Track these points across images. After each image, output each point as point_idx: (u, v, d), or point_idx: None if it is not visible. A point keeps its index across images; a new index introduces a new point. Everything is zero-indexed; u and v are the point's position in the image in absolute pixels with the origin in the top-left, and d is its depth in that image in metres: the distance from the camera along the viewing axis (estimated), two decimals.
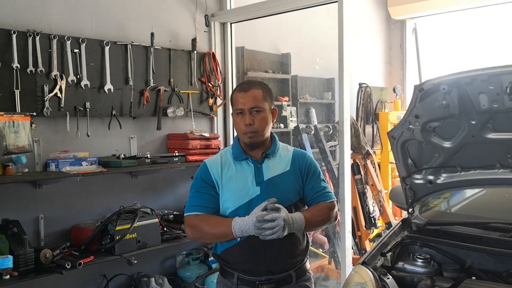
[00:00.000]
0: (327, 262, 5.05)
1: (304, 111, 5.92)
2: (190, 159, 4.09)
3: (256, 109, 2.26)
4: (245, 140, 2.30)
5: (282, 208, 2.12)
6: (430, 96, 2.38)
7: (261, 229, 2.06)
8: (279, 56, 5.62)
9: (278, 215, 2.07)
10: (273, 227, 2.05)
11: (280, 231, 2.06)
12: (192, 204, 2.31)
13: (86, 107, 3.65)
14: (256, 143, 2.30)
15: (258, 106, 2.26)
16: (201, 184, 2.32)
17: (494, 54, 6.21)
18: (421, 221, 2.77)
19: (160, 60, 4.16)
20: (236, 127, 2.33)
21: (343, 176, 3.84)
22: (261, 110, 2.27)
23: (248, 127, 2.25)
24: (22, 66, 3.33)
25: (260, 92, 2.28)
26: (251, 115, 2.26)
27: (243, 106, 2.26)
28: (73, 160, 3.44)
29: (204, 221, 2.25)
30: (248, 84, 2.34)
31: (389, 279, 2.34)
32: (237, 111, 2.29)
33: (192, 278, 4.17)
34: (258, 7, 4.45)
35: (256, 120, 2.26)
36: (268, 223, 2.06)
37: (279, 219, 2.06)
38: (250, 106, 2.25)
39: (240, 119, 2.28)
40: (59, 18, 3.60)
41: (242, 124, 2.27)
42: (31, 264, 3.09)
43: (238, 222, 2.13)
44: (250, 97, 2.26)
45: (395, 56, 7.43)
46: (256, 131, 2.26)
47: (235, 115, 2.30)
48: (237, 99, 2.30)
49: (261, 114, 2.27)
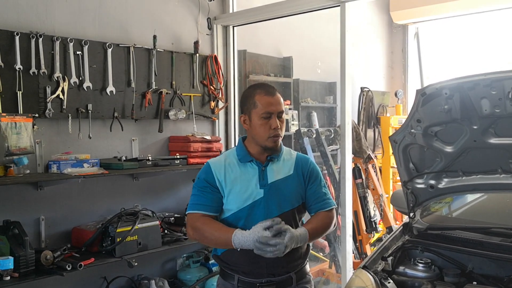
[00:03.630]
0: (328, 266, 5.04)
1: (306, 114, 5.92)
2: (191, 161, 4.09)
3: (281, 114, 2.30)
4: (268, 144, 2.28)
5: (288, 230, 2.12)
6: (432, 100, 2.38)
7: (263, 250, 2.08)
8: (281, 60, 5.62)
9: (282, 241, 2.08)
10: (273, 250, 2.07)
11: (281, 253, 2.09)
12: (195, 202, 2.31)
13: (88, 109, 3.66)
14: (278, 146, 2.32)
15: (283, 111, 2.31)
16: (203, 185, 2.32)
17: (496, 59, 6.21)
18: (422, 225, 2.77)
19: (162, 62, 4.17)
20: (260, 130, 2.28)
21: (344, 180, 3.84)
22: (283, 115, 2.32)
23: (275, 131, 2.26)
24: (24, 68, 3.33)
25: (281, 97, 2.33)
26: (278, 119, 2.28)
27: (274, 109, 2.27)
28: (74, 162, 3.45)
29: (206, 226, 2.25)
30: (271, 87, 2.34)
31: (390, 283, 2.34)
32: (264, 115, 2.26)
33: (192, 281, 4.17)
34: (260, 10, 4.46)
35: (281, 125, 2.30)
36: (270, 247, 2.07)
37: (281, 245, 2.07)
38: (278, 110, 2.28)
39: (266, 123, 2.26)
40: (62, 20, 3.61)
41: (268, 128, 2.26)
42: (32, 266, 3.09)
43: (238, 236, 2.13)
44: (277, 101, 2.29)
45: (397, 61, 7.43)
46: (280, 136, 2.30)
47: (259, 117, 2.27)
48: (266, 102, 2.27)
49: (283, 119, 2.32)
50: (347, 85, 3.77)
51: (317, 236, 2.37)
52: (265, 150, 2.32)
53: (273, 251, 2.07)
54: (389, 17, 7.13)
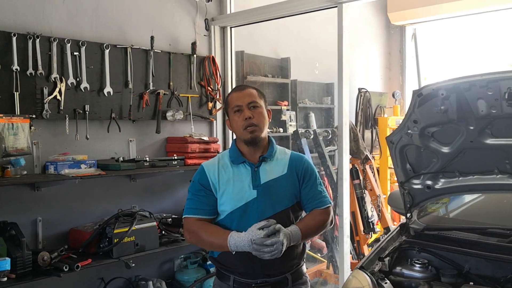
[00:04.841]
0: (325, 266, 5.04)
1: (303, 115, 5.93)
2: (189, 162, 4.09)
3: (253, 104, 2.30)
4: (245, 136, 2.29)
5: (282, 229, 2.13)
6: (429, 101, 2.38)
7: (260, 252, 2.08)
8: (278, 61, 5.63)
9: (278, 239, 2.09)
10: (271, 251, 2.08)
11: (279, 253, 2.09)
12: (190, 207, 2.33)
13: (86, 110, 3.66)
14: (257, 138, 2.30)
15: (255, 101, 2.31)
16: (198, 188, 2.33)
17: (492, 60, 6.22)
18: (419, 226, 2.77)
19: (159, 63, 4.17)
20: (235, 126, 2.33)
21: (341, 181, 3.84)
22: (258, 106, 2.32)
23: (248, 121, 2.27)
24: (21, 69, 3.33)
25: (255, 91, 2.36)
26: (250, 110, 2.29)
27: (241, 102, 2.30)
28: (72, 163, 3.44)
29: (202, 229, 2.26)
30: (242, 86, 2.41)
31: (386, 283, 2.34)
32: (235, 109, 2.31)
33: (190, 282, 4.16)
34: (258, 11, 4.46)
35: (255, 114, 2.29)
36: (267, 248, 2.07)
37: (278, 244, 2.08)
38: (247, 101, 2.30)
39: (238, 117, 2.30)
40: (59, 21, 3.61)
41: (241, 120, 2.28)
42: (29, 267, 3.08)
43: (234, 238, 2.14)
44: (246, 94, 2.32)
45: (395, 61, 7.45)
46: (256, 125, 2.28)
47: (233, 114, 2.32)
48: (233, 99, 2.34)
49: (259, 109, 2.32)
50: (345, 86, 3.77)
51: (311, 234, 2.37)
52: (248, 145, 2.32)
53: (271, 251, 2.07)
54: (386, 18, 7.14)
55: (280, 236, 2.10)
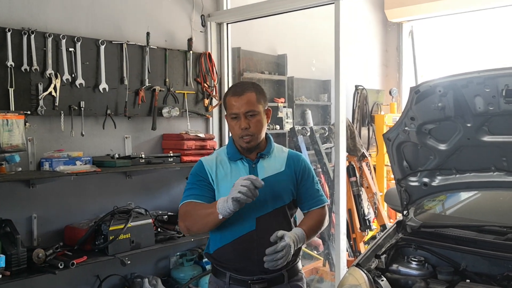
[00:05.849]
0: (322, 264, 5.04)
1: (300, 112, 5.92)
2: (185, 159, 4.07)
3: (251, 113, 2.24)
4: (241, 144, 2.29)
5: (286, 234, 2.12)
6: (426, 98, 2.38)
7: (274, 261, 2.06)
8: (275, 57, 5.61)
9: (286, 243, 2.08)
10: (282, 256, 2.07)
11: (290, 255, 2.10)
12: (188, 194, 2.29)
13: (81, 106, 3.64)
14: (252, 147, 2.29)
15: (253, 110, 2.24)
16: (197, 179, 2.31)
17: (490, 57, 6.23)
18: (416, 223, 2.77)
19: (155, 60, 4.15)
20: (232, 131, 2.31)
21: (338, 178, 3.84)
22: (256, 114, 2.25)
23: (244, 131, 2.24)
24: (16, 64, 3.31)
25: (253, 95, 2.26)
26: (246, 119, 2.24)
27: (237, 110, 2.24)
28: (67, 160, 3.43)
29: (193, 209, 2.22)
30: (241, 87, 2.30)
31: (383, 281, 2.34)
32: (232, 116, 2.26)
33: (186, 279, 4.16)
34: (254, 7, 4.44)
35: (251, 124, 2.24)
36: (279, 253, 2.07)
37: (287, 247, 2.08)
38: (244, 110, 2.23)
39: (235, 123, 2.26)
40: (55, 17, 3.58)
41: (237, 128, 2.25)
42: (24, 264, 3.07)
43: (220, 201, 2.08)
44: (244, 101, 2.23)
45: (392, 59, 7.45)
46: (252, 135, 2.25)
47: (230, 119, 2.28)
48: (231, 103, 2.26)
49: (256, 117, 2.26)
50: (342, 83, 3.77)
51: (313, 235, 2.37)
52: (243, 150, 2.31)
53: (283, 257, 2.06)
54: (383, 15, 7.14)
55: (286, 239, 2.09)
